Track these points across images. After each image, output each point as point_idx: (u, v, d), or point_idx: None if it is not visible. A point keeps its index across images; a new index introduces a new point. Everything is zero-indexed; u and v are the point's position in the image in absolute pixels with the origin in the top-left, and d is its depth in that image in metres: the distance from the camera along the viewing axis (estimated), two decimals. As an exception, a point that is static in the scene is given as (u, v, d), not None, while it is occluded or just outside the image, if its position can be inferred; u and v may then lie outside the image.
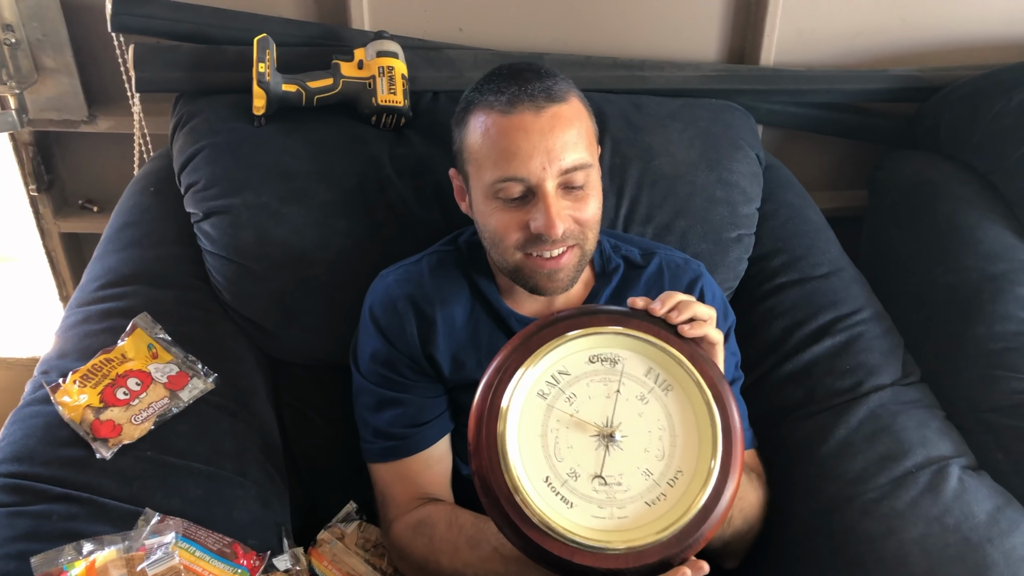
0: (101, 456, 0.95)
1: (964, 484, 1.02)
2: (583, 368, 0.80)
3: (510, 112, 0.93)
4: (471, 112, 0.98)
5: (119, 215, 1.28)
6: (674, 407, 0.78)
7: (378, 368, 1.05)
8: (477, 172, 0.97)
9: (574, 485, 0.76)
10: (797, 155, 1.61)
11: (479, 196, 0.98)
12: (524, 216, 0.95)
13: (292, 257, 1.16)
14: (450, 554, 0.97)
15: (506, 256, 0.98)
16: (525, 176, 0.92)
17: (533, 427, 0.78)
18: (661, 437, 0.77)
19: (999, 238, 1.27)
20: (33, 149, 1.49)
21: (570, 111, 0.95)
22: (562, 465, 0.77)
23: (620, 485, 0.76)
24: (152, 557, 0.85)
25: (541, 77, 0.96)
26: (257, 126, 1.21)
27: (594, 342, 0.80)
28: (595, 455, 0.77)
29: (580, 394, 0.79)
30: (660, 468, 0.76)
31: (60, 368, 1.04)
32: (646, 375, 0.80)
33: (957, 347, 1.21)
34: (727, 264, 1.28)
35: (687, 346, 0.80)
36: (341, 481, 1.19)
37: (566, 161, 0.93)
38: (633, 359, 0.80)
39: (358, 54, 1.24)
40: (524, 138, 0.92)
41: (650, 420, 0.78)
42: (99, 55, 1.41)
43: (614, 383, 0.79)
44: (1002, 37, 1.52)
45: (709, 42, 1.48)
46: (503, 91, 0.94)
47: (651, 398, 0.79)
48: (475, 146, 0.96)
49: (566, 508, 0.75)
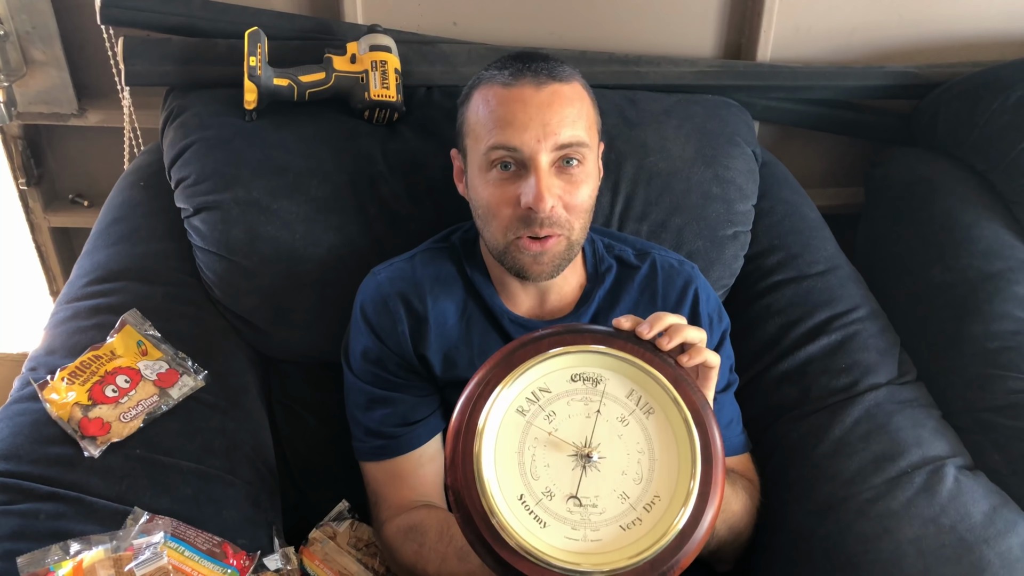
0: (89, 454, 0.94)
1: (960, 484, 1.02)
2: (564, 386, 0.79)
3: (511, 84, 0.94)
4: (475, 88, 0.99)
5: (109, 210, 1.27)
6: (654, 431, 0.77)
7: (369, 366, 1.05)
8: (475, 144, 0.98)
9: (548, 504, 0.75)
10: (794, 152, 1.60)
11: (474, 170, 0.98)
12: (515, 191, 0.94)
13: (283, 253, 1.15)
14: (437, 564, 0.96)
15: (496, 235, 0.97)
16: (519, 146, 0.92)
17: (510, 444, 0.77)
18: (640, 460, 0.76)
19: (996, 236, 1.27)
20: (22, 143, 1.48)
21: (571, 91, 0.96)
22: (537, 484, 0.75)
23: (595, 507, 0.74)
24: (140, 557, 0.84)
25: (548, 59, 0.98)
26: (248, 120, 1.20)
27: (577, 360, 0.79)
28: (571, 475, 0.75)
29: (560, 412, 0.78)
30: (637, 492, 0.75)
31: (48, 365, 1.03)
32: (628, 396, 0.78)
33: (954, 346, 1.20)
34: (723, 261, 1.27)
35: (671, 369, 0.78)
36: (333, 479, 1.19)
37: (562, 136, 0.93)
38: (615, 380, 0.79)
39: (351, 48, 1.23)
40: (522, 109, 0.93)
41: (629, 443, 0.77)
42: (89, 48, 1.40)
43: (595, 403, 0.78)
44: (1000, 34, 1.51)
45: (705, 37, 1.47)
46: (507, 67, 0.97)
47: (632, 420, 0.77)
48: (474, 118, 0.98)
49: (539, 527, 0.74)
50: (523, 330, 1.04)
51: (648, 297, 1.06)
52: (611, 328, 0.82)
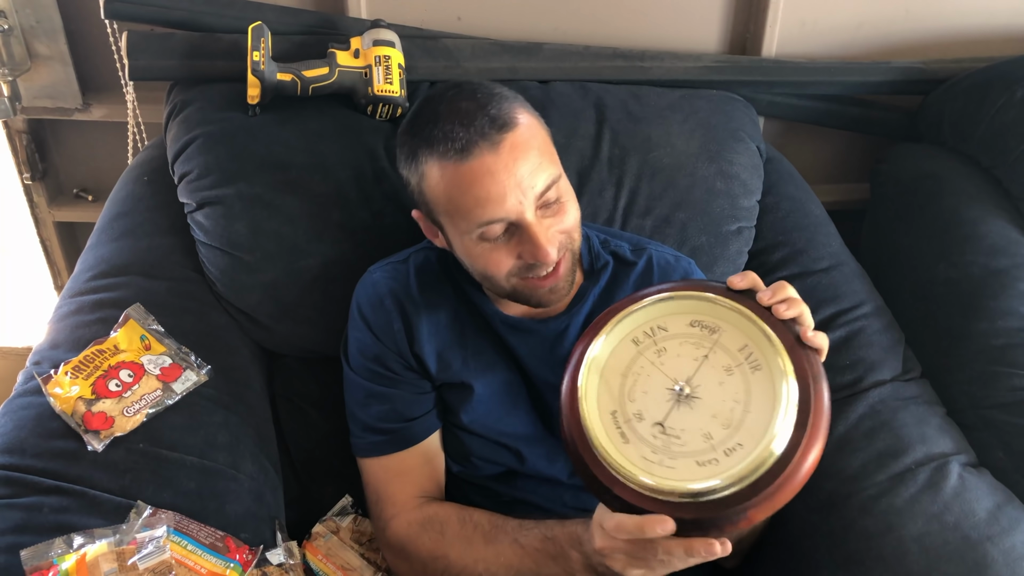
0: (93, 448, 0.94)
1: (964, 481, 1.01)
2: (682, 329, 0.82)
3: (467, 159, 0.89)
4: (422, 163, 0.93)
5: (112, 205, 1.27)
6: (756, 387, 0.78)
7: (366, 363, 1.05)
8: (452, 223, 0.94)
9: (636, 425, 0.79)
10: (798, 147, 1.60)
11: (461, 241, 0.95)
12: (513, 248, 0.93)
13: (286, 248, 1.15)
14: (461, 549, 0.97)
15: (501, 284, 0.96)
16: (504, 216, 0.90)
17: (619, 364, 0.83)
18: (733, 409, 0.78)
19: (1002, 233, 1.26)
20: (27, 137, 1.48)
21: (524, 132, 0.91)
22: (632, 405, 0.80)
23: (678, 439, 0.78)
24: (143, 551, 0.84)
25: (483, 105, 0.91)
26: (251, 115, 1.19)
27: (700, 307, 0.82)
28: (664, 406, 0.80)
29: (671, 350, 0.82)
30: (722, 436, 0.77)
31: (52, 359, 1.03)
32: (740, 350, 0.80)
33: (958, 343, 1.20)
34: (727, 257, 1.27)
35: (790, 336, 0.79)
36: (335, 474, 1.19)
37: (539, 186, 0.91)
38: (732, 332, 0.81)
39: (354, 43, 1.22)
40: (492, 181, 0.89)
41: (728, 391, 0.79)
42: (93, 43, 1.40)
43: (705, 349, 0.81)
44: (1007, 29, 1.50)
45: (710, 32, 1.46)
46: (450, 137, 0.89)
47: (737, 372, 0.79)
48: (442, 199, 0.93)
49: (621, 442, 0.79)
50: (515, 330, 1.04)
51: None
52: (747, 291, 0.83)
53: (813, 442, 0.75)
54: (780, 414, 0.75)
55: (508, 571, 0.95)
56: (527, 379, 1.06)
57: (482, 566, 0.96)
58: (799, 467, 0.74)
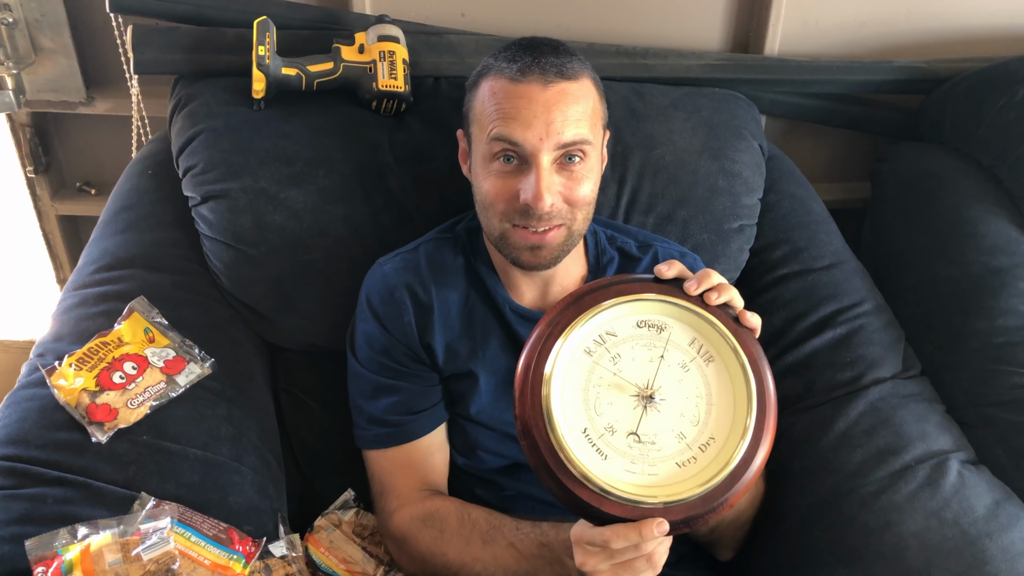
0: (96, 440, 0.94)
1: (963, 478, 1.02)
2: (630, 331, 0.83)
3: (519, 80, 0.93)
4: (484, 76, 0.98)
5: (116, 198, 1.27)
6: (713, 377, 0.81)
7: (375, 355, 1.05)
8: (479, 132, 0.97)
9: (610, 439, 0.80)
10: (800, 146, 1.60)
11: (478, 158, 0.99)
12: (515, 185, 0.94)
13: (290, 242, 1.16)
14: (460, 547, 0.98)
15: (493, 223, 0.98)
16: (520, 141, 0.92)
17: (577, 381, 0.82)
18: (698, 404, 0.80)
19: (1002, 232, 1.26)
20: (30, 130, 1.48)
21: (579, 89, 0.95)
22: (600, 419, 0.80)
23: (654, 444, 0.79)
24: (147, 542, 0.84)
25: (558, 53, 0.96)
26: (256, 110, 1.20)
27: (643, 307, 0.83)
28: (633, 414, 0.80)
29: (625, 355, 0.82)
30: (693, 433, 0.80)
31: (56, 351, 1.03)
32: (690, 344, 0.82)
33: (958, 341, 1.20)
34: (728, 255, 1.27)
35: (730, 320, 0.82)
36: (338, 468, 1.19)
37: (565, 136, 0.93)
38: (679, 328, 0.83)
39: (359, 38, 1.23)
40: (527, 106, 0.92)
41: (689, 387, 0.81)
42: (97, 36, 1.40)
43: (659, 349, 0.82)
44: (1008, 29, 1.51)
45: (713, 31, 1.47)
46: (517, 59, 0.95)
47: (692, 367, 0.82)
48: (480, 107, 0.97)
49: (600, 459, 0.79)
50: (524, 321, 1.05)
51: None
52: (675, 280, 0.85)
53: (770, 419, 0.80)
54: (743, 399, 0.79)
55: (505, 573, 0.95)
56: None
57: (480, 566, 0.97)
58: (763, 445, 0.79)
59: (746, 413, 0.79)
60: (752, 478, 0.79)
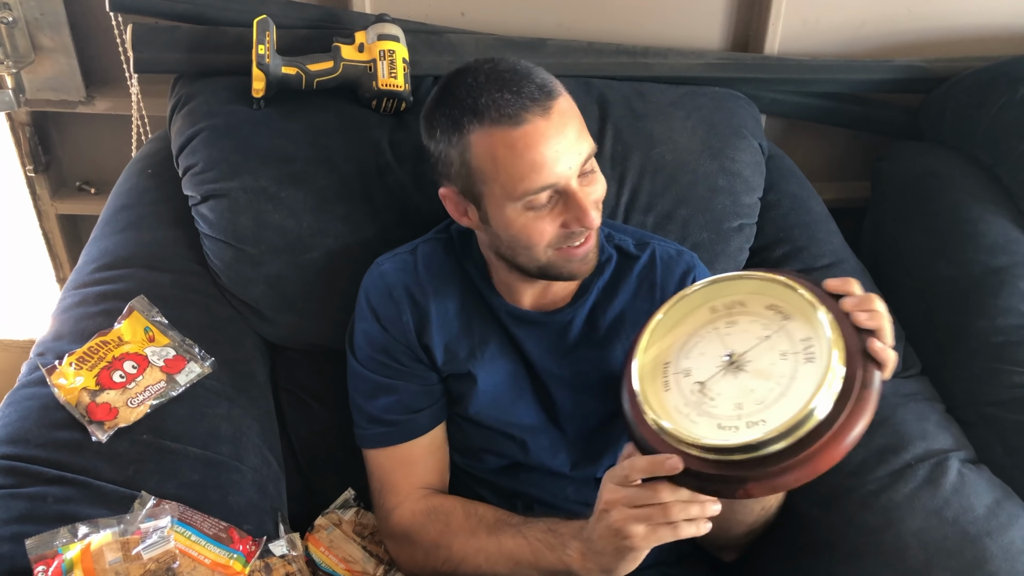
0: (97, 439, 0.94)
1: (963, 477, 1.02)
2: (758, 309, 0.86)
3: (521, 123, 0.89)
4: (468, 132, 0.91)
5: (116, 197, 1.27)
6: (802, 377, 0.80)
7: (374, 354, 1.05)
8: (500, 191, 0.92)
9: (681, 379, 0.85)
10: (800, 145, 1.60)
11: (502, 213, 0.93)
12: (557, 216, 0.93)
13: (290, 241, 1.16)
14: (465, 538, 0.98)
15: (538, 256, 0.96)
16: (555, 182, 0.90)
17: (688, 327, 0.88)
18: (772, 389, 0.80)
19: (1002, 231, 1.26)
20: (30, 129, 1.48)
21: (566, 101, 0.93)
22: (685, 362, 0.86)
23: (712, 401, 0.82)
24: (148, 541, 0.84)
25: (527, 74, 0.91)
26: (256, 109, 1.20)
27: (785, 295, 0.84)
28: (712, 369, 0.84)
29: (740, 324, 0.85)
30: (751, 409, 0.80)
31: (56, 350, 1.04)
32: (802, 340, 0.82)
33: (958, 340, 1.20)
34: (728, 254, 1.27)
35: (856, 342, 0.79)
36: (338, 467, 1.19)
37: (583, 153, 0.92)
38: (800, 324, 0.82)
39: (359, 37, 1.22)
40: (545, 145, 0.89)
41: (775, 372, 0.81)
42: (97, 35, 1.40)
43: (771, 331, 0.84)
44: (1008, 28, 1.51)
45: (713, 30, 1.47)
46: (500, 103, 0.89)
47: (791, 358, 0.81)
48: (490, 167, 0.91)
49: (662, 389, 0.85)
50: (522, 323, 1.05)
51: (647, 288, 1.07)
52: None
53: (832, 448, 0.75)
54: (811, 406, 0.75)
55: (508, 561, 0.96)
56: (531, 370, 1.06)
57: (483, 556, 0.97)
58: (806, 463, 0.75)
59: (803, 426, 0.75)
60: (781, 484, 0.76)
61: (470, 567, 0.98)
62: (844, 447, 0.76)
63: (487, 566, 0.97)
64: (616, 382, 0.95)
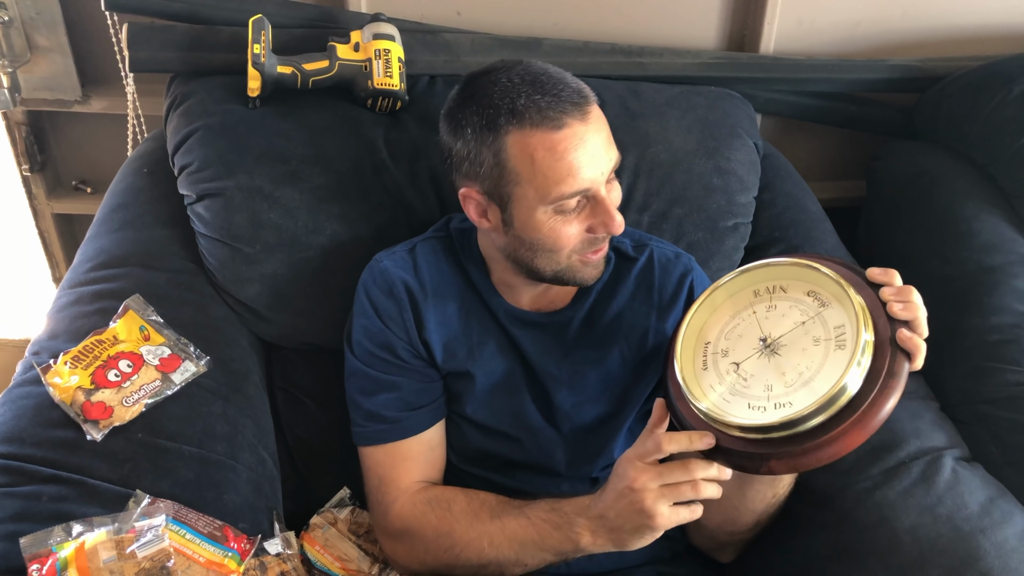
0: (92, 438, 0.94)
1: (957, 475, 1.02)
2: (798, 295, 0.87)
3: (562, 126, 0.89)
4: (504, 133, 0.90)
5: (112, 196, 1.27)
6: (832, 361, 0.81)
7: (374, 350, 1.05)
8: (534, 193, 0.91)
9: (719, 359, 0.88)
10: (795, 144, 1.60)
11: (532, 214, 0.93)
12: (584, 221, 0.94)
13: (285, 240, 1.16)
14: (468, 524, 0.98)
15: (559, 260, 0.96)
16: (589, 186, 0.91)
17: (732, 306, 0.90)
18: (802, 374, 0.83)
19: (997, 230, 1.27)
20: (26, 129, 1.48)
21: (597, 106, 0.93)
22: (724, 343, 0.89)
23: (745, 381, 0.85)
24: (142, 539, 0.84)
25: (564, 79, 0.92)
26: (252, 108, 1.20)
27: (824, 282, 0.85)
28: (749, 351, 0.87)
29: (779, 308, 0.88)
30: (780, 391, 0.83)
31: (51, 349, 1.03)
32: (836, 327, 0.83)
33: (952, 339, 1.21)
34: (723, 253, 1.28)
35: (888, 332, 0.81)
36: (334, 466, 1.19)
37: (613, 159, 0.93)
38: (837, 311, 0.84)
39: (354, 36, 1.23)
40: (582, 149, 0.89)
41: (806, 357, 0.83)
42: (93, 34, 1.40)
43: (807, 316, 0.86)
44: (1002, 28, 1.51)
45: (708, 29, 1.47)
46: (540, 105, 0.89)
47: (823, 345, 0.83)
48: (527, 168, 0.90)
49: (700, 367, 0.89)
50: (521, 323, 1.05)
51: (644, 289, 1.07)
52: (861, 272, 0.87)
53: (853, 432, 0.78)
54: (835, 392, 0.78)
55: (512, 543, 0.95)
56: (530, 370, 1.06)
57: (486, 540, 0.97)
58: (826, 445, 0.78)
59: (829, 411, 0.78)
60: (801, 463, 0.80)
61: (473, 552, 0.97)
62: (868, 430, 0.79)
63: (491, 550, 0.96)
64: (614, 383, 0.97)
